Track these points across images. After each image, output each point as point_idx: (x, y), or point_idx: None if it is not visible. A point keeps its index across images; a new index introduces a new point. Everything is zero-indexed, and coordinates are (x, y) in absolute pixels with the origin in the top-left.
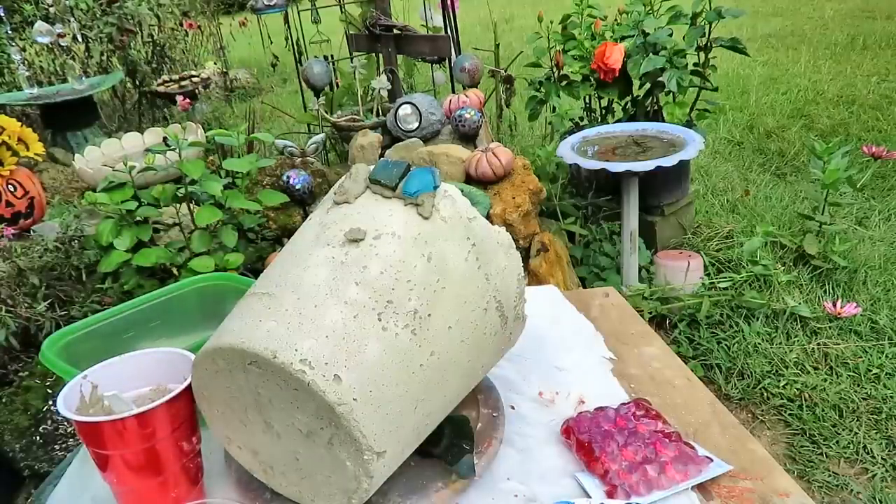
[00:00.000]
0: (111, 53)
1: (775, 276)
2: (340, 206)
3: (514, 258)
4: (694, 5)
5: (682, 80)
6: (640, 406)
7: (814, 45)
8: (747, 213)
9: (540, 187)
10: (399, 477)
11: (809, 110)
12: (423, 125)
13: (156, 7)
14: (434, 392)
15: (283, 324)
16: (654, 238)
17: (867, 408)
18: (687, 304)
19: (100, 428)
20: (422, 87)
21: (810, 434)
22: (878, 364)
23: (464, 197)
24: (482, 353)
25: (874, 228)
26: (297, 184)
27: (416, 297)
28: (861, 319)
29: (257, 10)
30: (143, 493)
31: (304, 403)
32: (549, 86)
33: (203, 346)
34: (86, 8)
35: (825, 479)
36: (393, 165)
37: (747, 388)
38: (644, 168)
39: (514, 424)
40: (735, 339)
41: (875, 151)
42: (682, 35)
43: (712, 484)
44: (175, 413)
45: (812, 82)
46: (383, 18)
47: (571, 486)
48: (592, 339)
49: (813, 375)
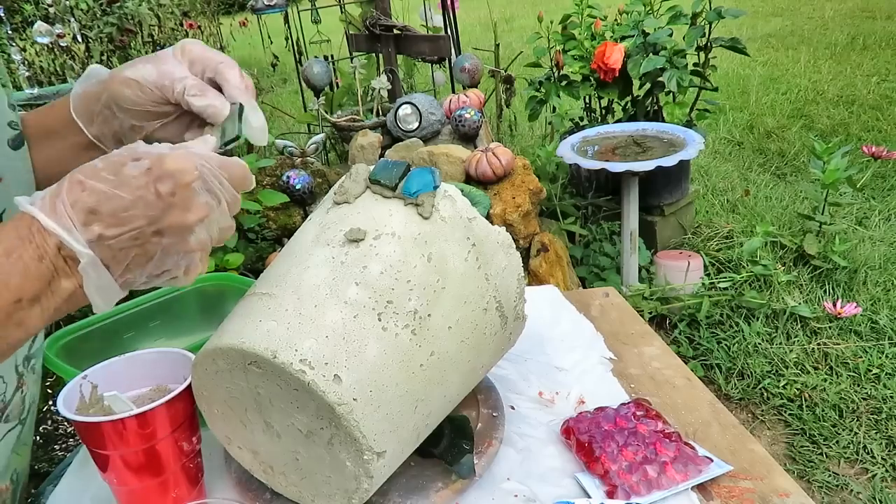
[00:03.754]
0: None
1: (775, 276)
2: (340, 206)
3: (514, 258)
4: (694, 5)
5: (682, 80)
6: (640, 406)
7: (814, 45)
8: (747, 213)
9: (540, 187)
10: (399, 477)
11: (809, 110)
12: (423, 125)
13: (156, 7)
14: (434, 392)
15: (283, 324)
16: (654, 238)
17: (867, 408)
18: (687, 304)
19: (100, 428)
20: (422, 87)
21: (810, 434)
22: (878, 364)
23: (464, 197)
24: (482, 353)
25: (874, 228)
26: (297, 184)
27: (416, 297)
28: (861, 319)
29: (257, 10)
30: (143, 494)
31: (304, 403)
32: (549, 86)
33: (203, 346)
34: (86, 8)
35: (825, 479)
36: (393, 165)
37: (747, 388)
38: (644, 168)
39: (514, 424)
40: (735, 339)
41: (875, 151)
42: (682, 35)
43: (712, 484)
44: (175, 413)
45: (812, 82)
46: (383, 18)
47: (571, 486)
48: (592, 339)
49: (813, 375)
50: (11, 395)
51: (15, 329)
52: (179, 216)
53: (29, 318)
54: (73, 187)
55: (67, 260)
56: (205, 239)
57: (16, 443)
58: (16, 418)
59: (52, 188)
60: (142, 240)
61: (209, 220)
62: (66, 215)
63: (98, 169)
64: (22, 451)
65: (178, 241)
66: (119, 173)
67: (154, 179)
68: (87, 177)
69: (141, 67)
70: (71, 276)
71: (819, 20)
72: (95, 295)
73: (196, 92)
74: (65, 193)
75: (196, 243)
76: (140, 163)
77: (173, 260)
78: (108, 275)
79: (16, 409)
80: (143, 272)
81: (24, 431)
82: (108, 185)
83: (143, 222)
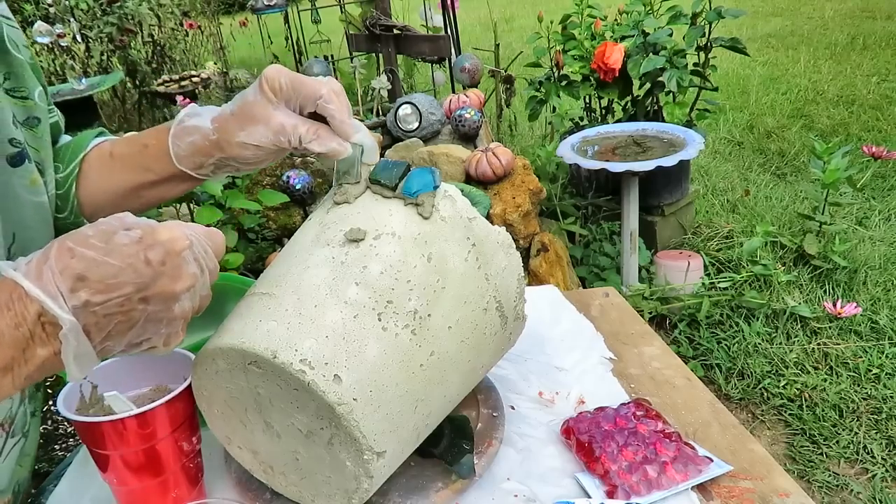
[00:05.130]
0: (111, 53)
1: (775, 276)
2: (340, 206)
3: (514, 258)
4: (694, 5)
5: (682, 80)
6: (640, 406)
7: (814, 45)
8: (747, 213)
9: (540, 187)
10: (399, 477)
11: (809, 110)
12: (423, 125)
13: (156, 7)
14: (434, 392)
15: (283, 324)
16: (654, 238)
17: (867, 408)
18: (687, 304)
19: (100, 428)
20: (422, 87)
21: (810, 434)
22: (878, 364)
23: (464, 197)
24: (482, 353)
25: (874, 228)
26: (297, 184)
27: (416, 297)
28: (861, 319)
29: (257, 10)
30: (143, 494)
31: (304, 403)
32: (549, 86)
33: (203, 347)
34: (86, 8)
35: (825, 479)
36: (393, 165)
37: (747, 388)
38: (644, 168)
39: (514, 424)
40: (735, 339)
41: (875, 151)
42: (682, 35)
43: (712, 484)
44: (175, 413)
45: (812, 82)
46: (383, 18)
47: (571, 486)
48: (592, 339)
49: (813, 375)
50: (17, 407)
51: None
52: (168, 284)
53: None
54: (61, 254)
55: (46, 326)
56: (188, 308)
57: (19, 455)
58: (19, 432)
59: (38, 254)
60: (127, 307)
61: (194, 289)
62: (52, 282)
63: (88, 236)
64: (24, 462)
65: (163, 309)
66: (110, 241)
67: (145, 248)
68: (76, 244)
69: (253, 130)
70: (48, 344)
71: (819, 20)
72: (72, 363)
73: (312, 137)
74: (53, 259)
75: (180, 311)
76: (131, 232)
77: (155, 328)
78: (87, 342)
79: (20, 422)
80: (123, 340)
81: (27, 444)
82: (97, 252)
83: (130, 289)
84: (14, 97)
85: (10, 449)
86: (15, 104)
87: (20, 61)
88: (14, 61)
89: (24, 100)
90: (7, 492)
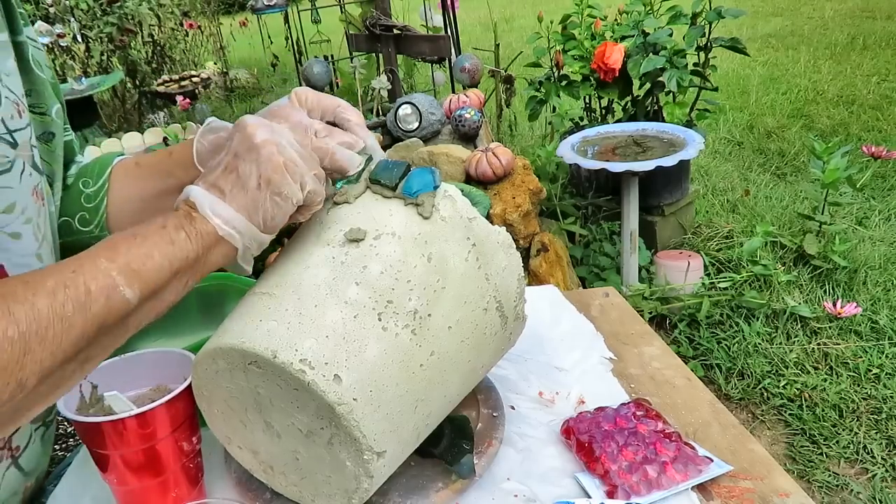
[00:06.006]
0: (111, 53)
1: (775, 276)
2: (340, 206)
3: (514, 258)
4: (694, 5)
5: (682, 80)
6: (640, 406)
7: (814, 45)
8: (747, 213)
9: (540, 187)
10: (399, 477)
11: (809, 110)
12: (423, 125)
13: (156, 7)
14: (434, 392)
15: (283, 324)
16: (654, 238)
17: (867, 408)
18: (687, 304)
19: (100, 428)
20: (422, 87)
21: (810, 434)
22: (878, 364)
23: (464, 197)
24: (482, 353)
25: (874, 228)
26: None
27: (416, 297)
28: (861, 319)
29: (257, 10)
30: (143, 494)
31: (304, 403)
32: (549, 86)
33: (203, 346)
34: (86, 8)
35: (825, 479)
36: (393, 165)
37: (747, 388)
38: (644, 168)
39: (514, 424)
40: (735, 339)
41: (875, 151)
42: (682, 35)
43: (712, 484)
44: (175, 413)
45: (812, 82)
46: (383, 18)
47: (571, 486)
48: (592, 339)
49: (813, 375)
50: None
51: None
52: (245, 139)
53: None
54: None
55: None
56: (281, 159)
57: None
58: (41, 419)
59: None
60: (230, 168)
61: (280, 145)
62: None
63: None
64: (47, 448)
65: (257, 158)
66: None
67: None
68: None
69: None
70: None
71: (819, 20)
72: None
73: (325, 133)
74: None
75: (270, 154)
76: None
77: (266, 171)
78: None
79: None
80: (247, 194)
81: (47, 432)
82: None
83: (223, 155)
84: (34, 112)
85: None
86: (33, 118)
87: (42, 80)
88: (37, 80)
89: (41, 115)
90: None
